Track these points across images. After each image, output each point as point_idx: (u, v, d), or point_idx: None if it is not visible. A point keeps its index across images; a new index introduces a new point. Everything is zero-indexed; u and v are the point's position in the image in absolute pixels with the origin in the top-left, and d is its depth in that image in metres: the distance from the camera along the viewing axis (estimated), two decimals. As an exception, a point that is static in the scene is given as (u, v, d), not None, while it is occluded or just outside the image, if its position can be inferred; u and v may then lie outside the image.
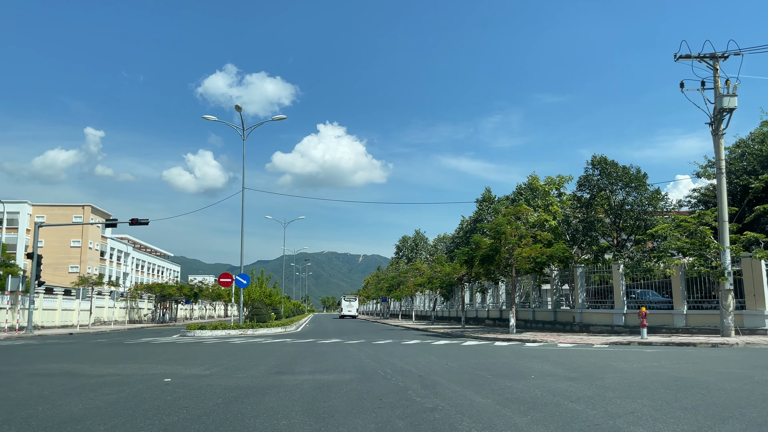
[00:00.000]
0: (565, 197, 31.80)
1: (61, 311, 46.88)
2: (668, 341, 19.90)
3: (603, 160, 27.93)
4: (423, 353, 15.41)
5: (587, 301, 28.40)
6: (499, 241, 26.96)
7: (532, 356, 14.27)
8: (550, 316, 31.50)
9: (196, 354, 16.07)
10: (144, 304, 70.91)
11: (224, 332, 28.61)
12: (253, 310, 40.31)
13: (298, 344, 20.50)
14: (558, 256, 26.47)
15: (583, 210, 28.28)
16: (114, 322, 58.08)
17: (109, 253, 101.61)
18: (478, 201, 49.59)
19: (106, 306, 53.05)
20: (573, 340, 21.96)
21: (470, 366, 11.89)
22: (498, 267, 27.74)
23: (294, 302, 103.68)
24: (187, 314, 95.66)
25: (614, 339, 21.66)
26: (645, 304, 26.20)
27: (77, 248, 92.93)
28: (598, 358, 13.55)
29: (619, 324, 25.94)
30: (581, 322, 28.07)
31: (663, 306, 26.16)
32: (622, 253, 27.71)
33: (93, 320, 53.17)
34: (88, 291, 44.14)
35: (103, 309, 56.32)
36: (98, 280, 44.79)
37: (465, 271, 34.64)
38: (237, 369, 11.74)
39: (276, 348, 18.33)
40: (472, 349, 17.16)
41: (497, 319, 39.63)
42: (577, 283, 28.66)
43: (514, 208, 27.42)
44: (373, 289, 78.69)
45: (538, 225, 28.53)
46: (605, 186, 28.30)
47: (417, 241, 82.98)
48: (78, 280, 44.92)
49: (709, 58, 22.80)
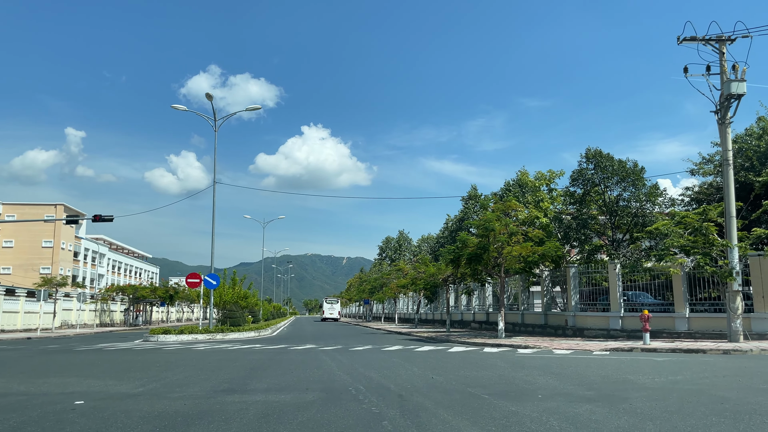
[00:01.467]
0: (556, 193, 30.05)
1: (24, 314, 44.20)
2: (674, 347, 18.14)
3: (598, 153, 26.18)
4: (405, 363, 13.43)
5: (581, 304, 26.63)
6: (488, 239, 25.10)
7: (530, 366, 12.35)
8: (540, 320, 29.71)
9: (145, 364, 13.94)
10: (117, 307, 68.10)
11: (190, 337, 26.40)
12: (226, 313, 38.11)
13: (266, 351, 18.42)
14: (551, 255, 24.67)
15: (576, 206, 26.49)
16: (83, 325, 55.33)
17: (83, 254, 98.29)
18: (464, 199, 47.66)
19: (74, 308, 50.34)
20: (568, 346, 20.14)
21: (461, 381, 9.93)
22: (486, 267, 25.88)
23: (274, 305, 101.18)
24: (163, 317, 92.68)
25: (613, 344, 19.88)
26: (638, 306, 24.52)
27: (49, 248, 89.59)
28: (607, 369, 11.66)
29: (616, 328, 24.19)
30: (574, 325, 26.30)
31: (657, 308, 24.49)
32: (618, 253, 25.98)
33: (59, 323, 50.45)
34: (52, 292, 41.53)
35: (71, 311, 53.58)
36: (62, 280, 42.13)
37: (450, 272, 32.75)
38: (178, 385, 9.67)
39: (240, 356, 16.24)
40: (460, 358, 15.22)
41: (483, 322, 37.80)
42: (569, 285, 26.89)
43: (504, 203, 25.58)
44: (356, 292, 76.58)
45: (528, 222, 26.69)
46: (600, 181, 26.56)
47: (401, 242, 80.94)
48: (41, 281, 42.27)
49: (714, 40, 21.14)
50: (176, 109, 31.62)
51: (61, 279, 42.40)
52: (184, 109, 31.81)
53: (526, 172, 31.22)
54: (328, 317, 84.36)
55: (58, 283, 42.28)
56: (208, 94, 30.03)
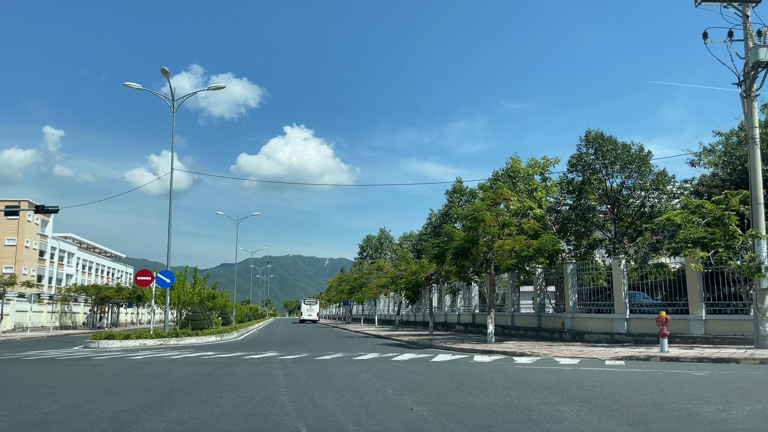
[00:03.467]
0: (551, 183, 27.21)
1: (-31, 316, 40.41)
2: (697, 355, 15.33)
3: (599, 136, 23.33)
4: (377, 381, 10.38)
5: (579, 305, 23.82)
6: (476, 231, 22.18)
7: (541, 386, 9.39)
8: (532, 322, 26.87)
9: (39, 382, 10.72)
10: (80, 308, 64.19)
11: (137, 342, 23.09)
12: (188, 315, 34.74)
13: (212, 361, 15.26)
14: (547, 250, 21.78)
15: (575, 196, 23.63)
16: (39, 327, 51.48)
17: (49, 253, 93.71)
18: (448, 193, 44.61)
19: (30, 310, 46.52)
20: (571, 353, 17.26)
21: (453, 416, 6.91)
22: (474, 263, 22.95)
23: (251, 306, 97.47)
24: (133, 319, 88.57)
25: (624, 351, 17.03)
26: (636, 307, 21.79)
27: (12, 247, 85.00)
28: (647, 392, 8.72)
29: (621, 332, 21.38)
30: (572, 329, 23.47)
31: (657, 310, 21.80)
32: (622, 247, 23.18)
33: (12, 326, 46.69)
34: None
35: (26, 313, 49.70)
36: (10, 279, 38.44)
37: (434, 269, 29.80)
38: (38, 423, 6.54)
39: (174, 369, 13.07)
40: (447, 371, 12.21)
41: (469, 324, 34.93)
42: (567, 283, 24.07)
43: (494, 192, 22.67)
44: (335, 292, 73.31)
45: (521, 213, 23.82)
46: (601, 167, 23.76)
47: (382, 240, 77.73)
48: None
49: (737, 1, 18.43)
50: (129, 87, 28.27)
51: (8, 278, 38.70)
52: (138, 87, 28.47)
53: (518, 159, 28.28)
54: (307, 319, 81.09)
55: (5, 282, 38.62)
56: (163, 69, 26.74)
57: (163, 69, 26.67)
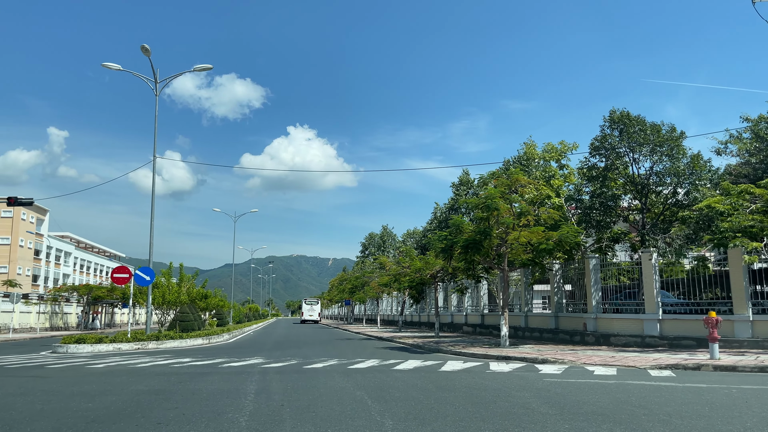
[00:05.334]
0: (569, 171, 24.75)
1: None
2: (757, 364, 12.89)
3: (625, 116, 20.83)
4: (374, 403, 8.00)
5: (604, 304, 21.40)
6: (489, 222, 19.78)
7: (593, 412, 7.01)
8: (549, 323, 24.44)
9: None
10: (72, 309, 61.93)
11: (111, 347, 20.75)
12: (177, 315, 32.44)
13: (179, 371, 12.90)
14: (569, 243, 19.37)
15: (598, 183, 21.12)
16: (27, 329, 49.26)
17: (45, 252, 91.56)
18: (455, 185, 42.01)
19: (14, 310, 44.26)
20: (602, 360, 14.85)
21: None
22: (486, 257, 20.54)
23: (251, 306, 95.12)
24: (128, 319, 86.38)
25: (664, 358, 14.61)
26: (665, 307, 19.36)
27: (6, 246, 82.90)
28: (752, 425, 6.32)
29: (653, 334, 18.95)
30: (596, 331, 21.05)
31: (682, 309, 19.39)
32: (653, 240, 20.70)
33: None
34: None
35: (12, 314, 47.46)
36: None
37: (441, 266, 27.40)
38: None
39: (126, 382, 10.71)
40: (463, 387, 9.83)
41: (478, 325, 32.52)
42: (589, 279, 21.65)
43: (509, 177, 20.26)
44: (336, 292, 70.90)
45: (537, 202, 21.41)
46: (627, 151, 21.27)
47: (384, 238, 75.21)
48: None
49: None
50: (108, 68, 25.97)
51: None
52: (118, 68, 26.17)
53: (533, 143, 25.72)
54: (308, 319, 78.77)
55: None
56: (143, 47, 24.42)
57: (143, 47, 24.35)
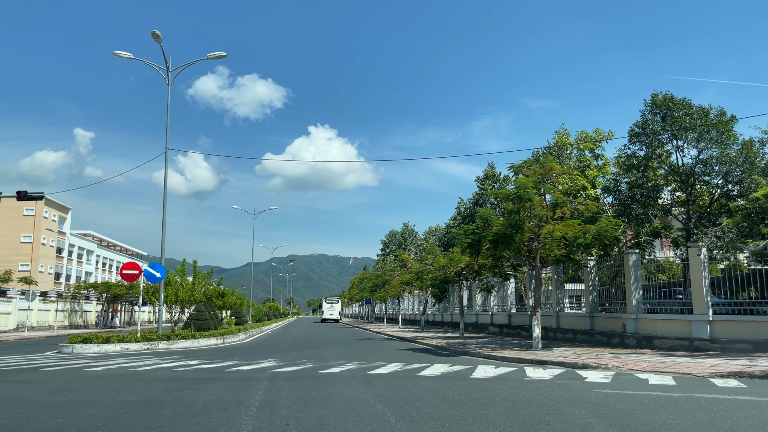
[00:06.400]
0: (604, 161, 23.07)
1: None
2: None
3: (669, 99, 19.11)
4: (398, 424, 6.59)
5: (645, 303, 19.73)
6: (519, 215, 18.26)
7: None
8: (583, 324, 22.82)
9: None
10: (92, 307, 61.61)
11: (118, 347, 19.67)
12: (193, 314, 31.45)
13: (181, 376, 11.68)
14: (608, 236, 17.76)
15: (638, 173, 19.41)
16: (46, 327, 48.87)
17: (67, 250, 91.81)
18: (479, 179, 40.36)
19: (29, 308, 43.79)
20: (651, 365, 13.28)
21: None
22: (518, 253, 19.04)
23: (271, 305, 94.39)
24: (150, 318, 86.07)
25: (722, 365, 12.97)
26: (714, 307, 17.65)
27: (28, 244, 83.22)
28: None
29: (702, 337, 17.25)
30: (636, 332, 19.40)
31: (730, 309, 17.67)
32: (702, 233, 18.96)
33: (15, 325, 44.09)
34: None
35: (31, 312, 47.09)
36: (5, 276, 35.61)
37: (466, 262, 25.91)
38: None
39: (120, 389, 9.49)
40: (503, 401, 8.40)
41: (504, 326, 30.95)
42: (628, 277, 19.99)
43: (542, 167, 18.73)
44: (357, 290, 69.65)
45: (572, 194, 19.82)
46: (669, 138, 19.57)
47: (405, 236, 73.67)
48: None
49: None
50: (120, 56, 25.00)
51: (3, 274, 35.90)
52: (129, 57, 25.20)
53: (566, 132, 24.00)
54: (328, 318, 77.62)
55: (0, 279, 35.87)
56: (154, 33, 23.36)
57: (153, 32, 23.30)
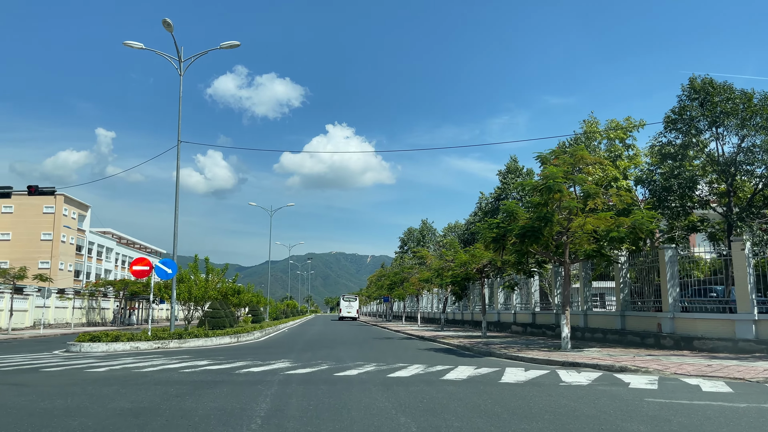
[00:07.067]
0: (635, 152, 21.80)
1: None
2: None
3: (708, 83, 17.82)
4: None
5: (684, 301, 18.50)
6: (547, 207, 17.14)
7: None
8: (614, 323, 21.62)
9: None
10: (110, 304, 61.55)
11: (128, 346, 18.93)
12: (208, 312, 30.72)
13: (186, 379, 10.82)
14: (644, 230, 16.59)
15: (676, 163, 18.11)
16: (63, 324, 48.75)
17: (87, 248, 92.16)
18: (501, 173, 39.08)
19: (44, 306, 43.62)
20: (696, 369, 12.13)
21: None
22: (546, 248, 17.93)
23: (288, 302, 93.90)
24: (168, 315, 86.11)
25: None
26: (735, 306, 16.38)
27: (48, 242, 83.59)
28: None
29: (747, 338, 16.00)
30: (673, 332, 18.18)
31: None
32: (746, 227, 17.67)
33: (32, 322, 43.94)
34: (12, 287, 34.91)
35: (48, 309, 46.96)
36: (20, 272, 35.25)
37: (489, 258, 24.83)
38: None
39: (117, 393, 8.63)
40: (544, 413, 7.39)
41: (528, 324, 29.80)
42: (664, 273, 18.77)
43: (572, 155, 17.59)
44: (374, 288, 68.72)
45: (603, 185, 18.64)
46: (708, 125, 18.27)
47: (424, 233, 72.49)
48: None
49: None
50: (131, 47, 24.30)
51: (18, 271, 35.53)
52: (140, 47, 24.50)
53: (595, 120, 22.74)
54: (346, 316, 76.80)
55: (15, 276, 35.51)
56: (165, 21, 22.60)
57: (164, 21, 22.54)
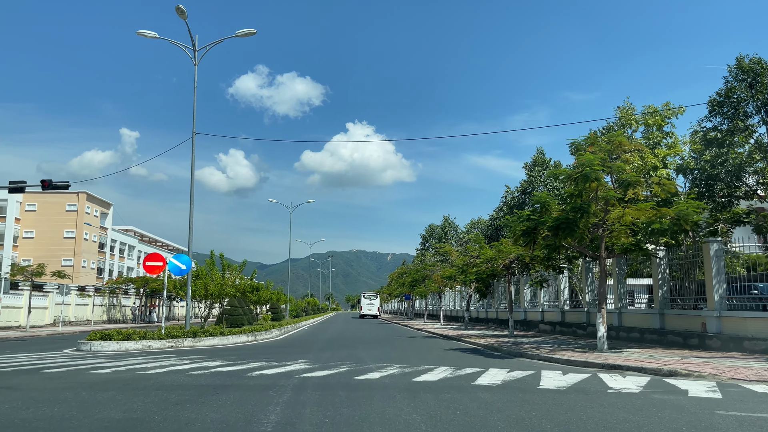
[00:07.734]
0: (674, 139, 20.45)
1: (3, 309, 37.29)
2: None
3: (757, 62, 16.46)
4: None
5: (731, 299, 17.15)
6: (582, 197, 15.93)
7: None
8: (651, 322, 20.30)
9: None
10: (131, 301, 61.47)
11: (140, 344, 18.16)
12: (225, 309, 30.00)
13: (192, 383, 9.91)
14: (689, 221, 15.29)
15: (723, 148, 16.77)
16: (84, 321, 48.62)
17: (109, 245, 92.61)
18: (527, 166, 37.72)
19: (64, 303, 43.43)
20: (756, 374, 10.83)
21: None
22: (581, 241, 16.72)
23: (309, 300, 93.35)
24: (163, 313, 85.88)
25: None
26: None
27: (71, 239, 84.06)
28: None
29: (805, 338, 14.65)
30: (719, 332, 16.84)
31: None
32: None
33: (52, 320, 43.80)
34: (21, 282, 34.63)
35: (69, 306, 46.84)
36: (38, 269, 34.92)
37: (517, 254, 23.63)
38: None
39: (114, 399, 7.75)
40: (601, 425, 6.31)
41: (557, 323, 28.54)
42: (709, 269, 17.42)
43: (609, 141, 16.35)
44: (396, 285, 67.73)
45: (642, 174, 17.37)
46: (757, 109, 16.90)
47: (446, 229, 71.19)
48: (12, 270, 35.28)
49: None
50: (144, 36, 23.60)
51: (36, 268, 35.21)
52: (154, 36, 23.78)
53: (631, 106, 21.34)
54: (367, 314, 75.76)
55: (33, 273, 35.20)
56: (178, 8, 21.79)
57: (178, 7, 21.73)
